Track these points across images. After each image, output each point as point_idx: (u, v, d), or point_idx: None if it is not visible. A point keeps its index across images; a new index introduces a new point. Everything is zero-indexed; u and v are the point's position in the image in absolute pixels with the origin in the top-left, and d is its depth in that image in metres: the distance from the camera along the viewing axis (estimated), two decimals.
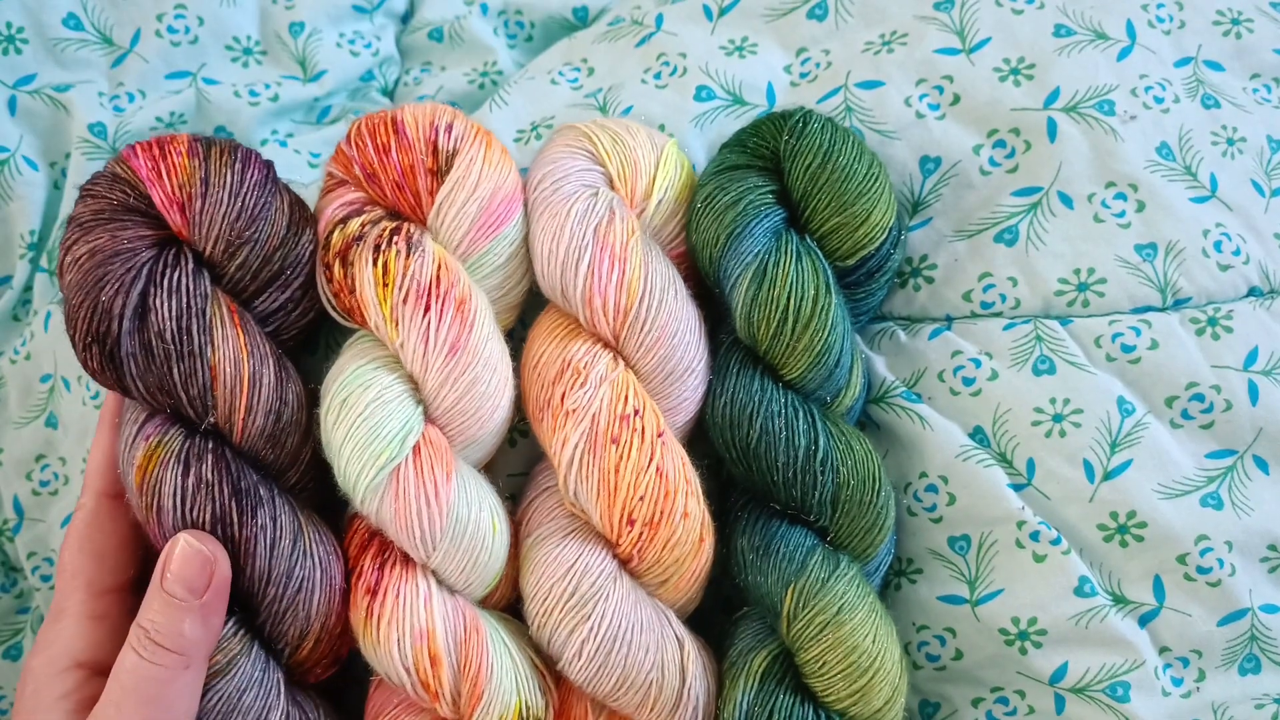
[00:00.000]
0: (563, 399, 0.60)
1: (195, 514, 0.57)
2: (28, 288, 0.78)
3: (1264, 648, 0.64)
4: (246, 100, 0.79)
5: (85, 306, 0.58)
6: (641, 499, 0.59)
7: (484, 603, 0.62)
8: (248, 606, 0.59)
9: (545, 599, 0.59)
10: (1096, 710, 0.63)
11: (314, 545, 0.59)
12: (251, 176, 0.61)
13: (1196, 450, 0.65)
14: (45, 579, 0.74)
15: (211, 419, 0.58)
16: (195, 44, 0.80)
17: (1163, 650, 0.64)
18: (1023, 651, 0.63)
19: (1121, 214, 0.67)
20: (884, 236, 0.64)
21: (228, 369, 0.58)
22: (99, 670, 0.57)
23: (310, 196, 0.67)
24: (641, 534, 0.59)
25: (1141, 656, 0.63)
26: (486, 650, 0.58)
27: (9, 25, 0.78)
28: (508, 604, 0.63)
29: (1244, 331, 0.66)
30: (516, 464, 0.67)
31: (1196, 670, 0.64)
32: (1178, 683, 0.64)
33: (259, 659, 0.58)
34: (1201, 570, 0.63)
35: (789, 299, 0.61)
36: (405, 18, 0.88)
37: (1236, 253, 0.67)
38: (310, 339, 0.67)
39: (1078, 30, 0.70)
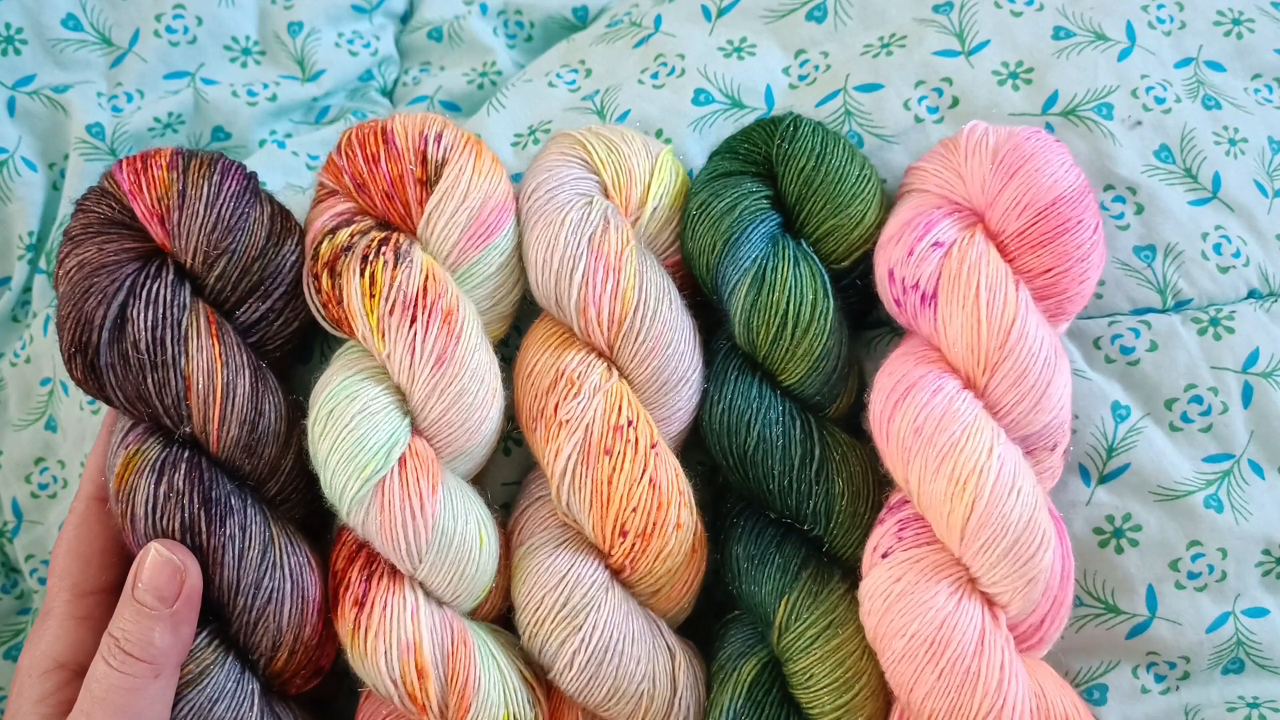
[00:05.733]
0: (556, 409, 0.60)
1: (165, 522, 0.58)
2: (26, 289, 0.78)
3: (1249, 651, 0.64)
4: (245, 100, 0.79)
5: (70, 317, 0.59)
6: (634, 510, 0.59)
7: (475, 614, 0.62)
8: (221, 616, 0.59)
9: (537, 609, 0.59)
10: None
11: (286, 557, 0.59)
12: (229, 188, 0.61)
13: (1194, 454, 0.65)
14: (43, 581, 0.75)
15: (187, 428, 0.59)
16: (194, 44, 0.80)
17: (1149, 653, 0.64)
18: None
19: (1120, 216, 0.66)
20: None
21: (201, 379, 0.58)
22: (80, 672, 0.57)
23: (308, 200, 0.67)
24: (634, 545, 0.59)
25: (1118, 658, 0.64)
26: (474, 662, 0.58)
27: (8, 26, 0.78)
28: (499, 615, 0.63)
29: (1245, 333, 0.66)
30: (510, 472, 0.67)
31: (1182, 671, 0.64)
32: (1160, 679, 0.64)
33: (233, 670, 0.58)
34: (1192, 576, 0.63)
35: (788, 304, 0.61)
36: (404, 17, 0.88)
37: (1236, 255, 0.66)
38: (305, 348, 0.67)
39: (1077, 32, 0.70)
